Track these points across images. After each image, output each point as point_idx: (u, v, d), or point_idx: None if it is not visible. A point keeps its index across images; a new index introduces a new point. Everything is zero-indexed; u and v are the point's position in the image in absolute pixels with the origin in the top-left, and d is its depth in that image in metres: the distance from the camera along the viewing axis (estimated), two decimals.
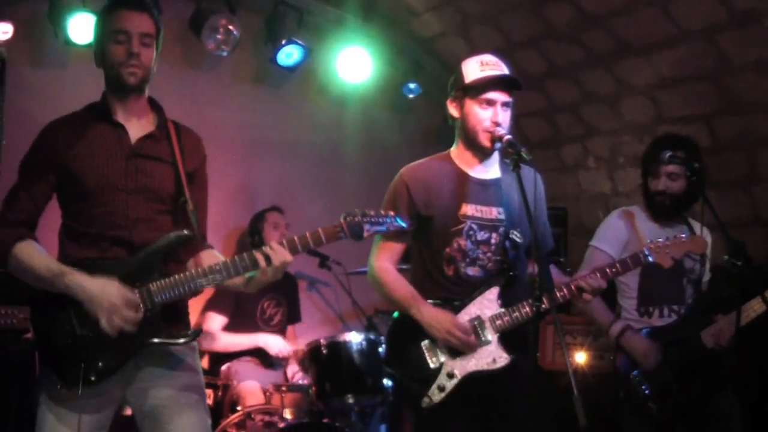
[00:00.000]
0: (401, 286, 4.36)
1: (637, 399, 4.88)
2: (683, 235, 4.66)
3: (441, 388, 4.16)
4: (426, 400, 4.15)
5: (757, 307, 4.74)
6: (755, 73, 6.06)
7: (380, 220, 3.81)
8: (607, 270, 4.36)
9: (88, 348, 3.51)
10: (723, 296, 4.99)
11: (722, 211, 4.74)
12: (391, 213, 3.89)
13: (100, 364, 3.51)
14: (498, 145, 4.25)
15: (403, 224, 3.99)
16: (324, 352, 5.85)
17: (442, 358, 4.20)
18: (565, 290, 4.27)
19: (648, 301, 5.11)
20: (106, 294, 3.47)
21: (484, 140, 4.28)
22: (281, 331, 6.93)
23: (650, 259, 4.47)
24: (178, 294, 3.61)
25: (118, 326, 3.47)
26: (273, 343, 6.72)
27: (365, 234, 3.76)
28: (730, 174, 6.57)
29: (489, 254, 4.34)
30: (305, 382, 6.14)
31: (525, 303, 4.22)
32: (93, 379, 3.50)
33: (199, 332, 3.79)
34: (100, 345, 3.51)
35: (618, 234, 5.19)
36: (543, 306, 3.84)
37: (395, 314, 4.44)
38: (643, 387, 4.85)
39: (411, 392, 4.22)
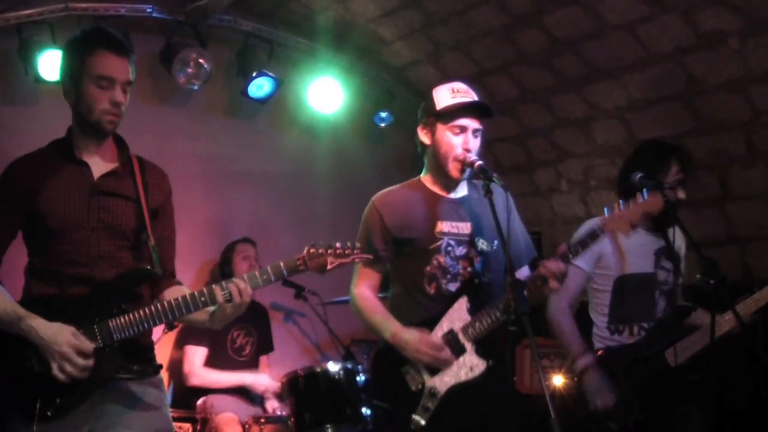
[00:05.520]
0: (377, 312, 4.36)
1: (599, 418, 4.86)
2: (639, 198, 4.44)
3: (426, 409, 4.14)
4: (413, 423, 4.13)
5: (727, 322, 4.71)
6: (725, 93, 6.10)
7: (345, 252, 3.75)
8: (567, 251, 4.19)
9: (46, 385, 3.48)
10: (689, 310, 5.00)
11: (696, 230, 4.74)
12: (357, 245, 3.83)
13: (57, 400, 3.49)
14: (467, 172, 4.28)
15: (369, 256, 3.99)
16: (302, 382, 5.83)
17: (423, 379, 4.18)
18: (530, 285, 4.10)
19: (618, 319, 5.08)
20: (57, 343, 3.44)
21: (454, 170, 4.30)
22: (253, 361, 6.90)
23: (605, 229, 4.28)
24: (136, 331, 3.59)
25: (69, 373, 3.45)
26: (259, 381, 6.71)
27: (329, 267, 3.73)
28: (702, 193, 6.60)
29: (469, 269, 4.33)
30: (284, 413, 6.11)
31: (492, 305, 4.16)
32: (50, 414, 3.47)
33: (160, 367, 3.77)
34: (58, 382, 3.47)
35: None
36: (513, 328, 3.77)
37: (378, 348, 4.43)
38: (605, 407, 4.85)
39: (399, 419, 4.19)
